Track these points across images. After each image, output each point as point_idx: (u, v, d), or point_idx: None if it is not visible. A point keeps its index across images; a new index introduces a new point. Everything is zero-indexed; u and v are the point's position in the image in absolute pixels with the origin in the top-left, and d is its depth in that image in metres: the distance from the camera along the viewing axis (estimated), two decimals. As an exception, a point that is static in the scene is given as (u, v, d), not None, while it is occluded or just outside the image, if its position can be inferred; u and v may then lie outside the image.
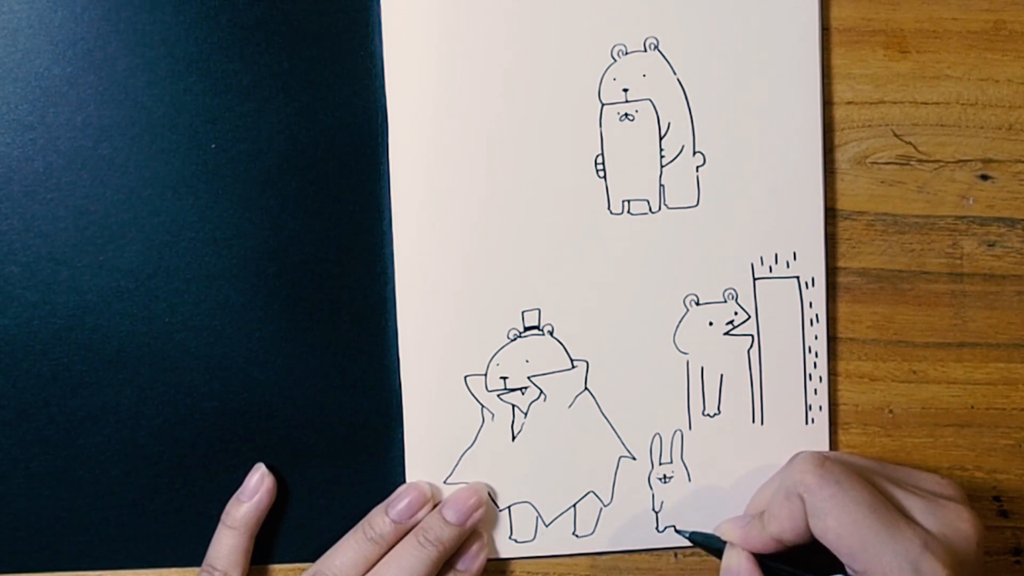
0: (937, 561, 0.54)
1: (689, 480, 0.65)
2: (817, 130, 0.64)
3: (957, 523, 0.56)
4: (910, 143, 0.65)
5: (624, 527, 0.66)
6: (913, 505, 0.57)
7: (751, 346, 0.65)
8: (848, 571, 0.57)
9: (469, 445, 0.65)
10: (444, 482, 0.65)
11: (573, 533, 0.66)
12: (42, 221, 0.63)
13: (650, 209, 0.64)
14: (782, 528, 0.58)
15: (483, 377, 0.64)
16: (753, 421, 0.65)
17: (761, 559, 0.60)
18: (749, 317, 0.65)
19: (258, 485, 0.64)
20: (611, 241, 0.64)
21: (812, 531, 0.57)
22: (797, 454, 0.62)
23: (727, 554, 0.60)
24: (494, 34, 0.63)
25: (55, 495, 0.64)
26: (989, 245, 0.65)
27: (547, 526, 0.65)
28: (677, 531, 0.65)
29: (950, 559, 0.55)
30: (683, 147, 0.64)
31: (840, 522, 0.56)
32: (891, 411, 0.66)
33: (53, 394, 0.64)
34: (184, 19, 0.62)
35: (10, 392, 0.64)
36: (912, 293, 0.65)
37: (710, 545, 0.62)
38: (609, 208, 0.64)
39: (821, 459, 0.58)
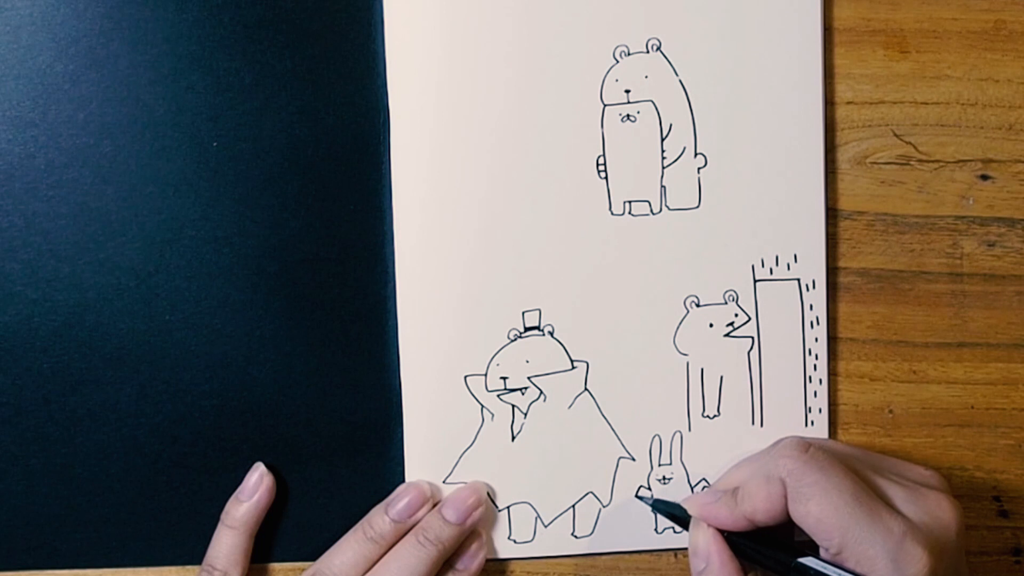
0: (918, 548, 0.55)
1: (688, 481, 0.65)
2: (819, 132, 0.64)
3: (938, 512, 0.57)
4: (910, 143, 0.65)
5: (623, 528, 0.65)
6: (895, 494, 0.58)
7: (751, 348, 0.65)
8: (823, 554, 0.57)
9: (469, 445, 0.65)
10: (444, 482, 0.65)
11: (572, 534, 0.65)
12: (43, 218, 0.63)
13: (651, 210, 0.64)
14: (756, 509, 0.58)
15: (483, 377, 0.64)
16: (753, 423, 0.65)
17: (728, 535, 0.60)
18: (749, 319, 0.65)
19: (257, 484, 0.63)
20: (612, 242, 0.64)
21: (792, 515, 0.58)
22: (781, 439, 0.62)
23: (693, 533, 0.60)
24: (496, 34, 0.63)
25: (54, 493, 0.64)
26: (989, 245, 0.65)
27: (546, 526, 0.65)
28: (638, 496, 0.65)
29: (931, 547, 0.55)
30: (684, 148, 0.64)
31: (822, 508, 0.56)
32: (891, 411, 0.66)
33: (53, 391, 0.63)
34: (186, 17, 0.62)
35: (10, 389, 0.63)
36: (912, 293, 0.65)
37: (673, 515, 0.62)
38: (610, 209, 0.64)
39: (805, 445, 0.59)
